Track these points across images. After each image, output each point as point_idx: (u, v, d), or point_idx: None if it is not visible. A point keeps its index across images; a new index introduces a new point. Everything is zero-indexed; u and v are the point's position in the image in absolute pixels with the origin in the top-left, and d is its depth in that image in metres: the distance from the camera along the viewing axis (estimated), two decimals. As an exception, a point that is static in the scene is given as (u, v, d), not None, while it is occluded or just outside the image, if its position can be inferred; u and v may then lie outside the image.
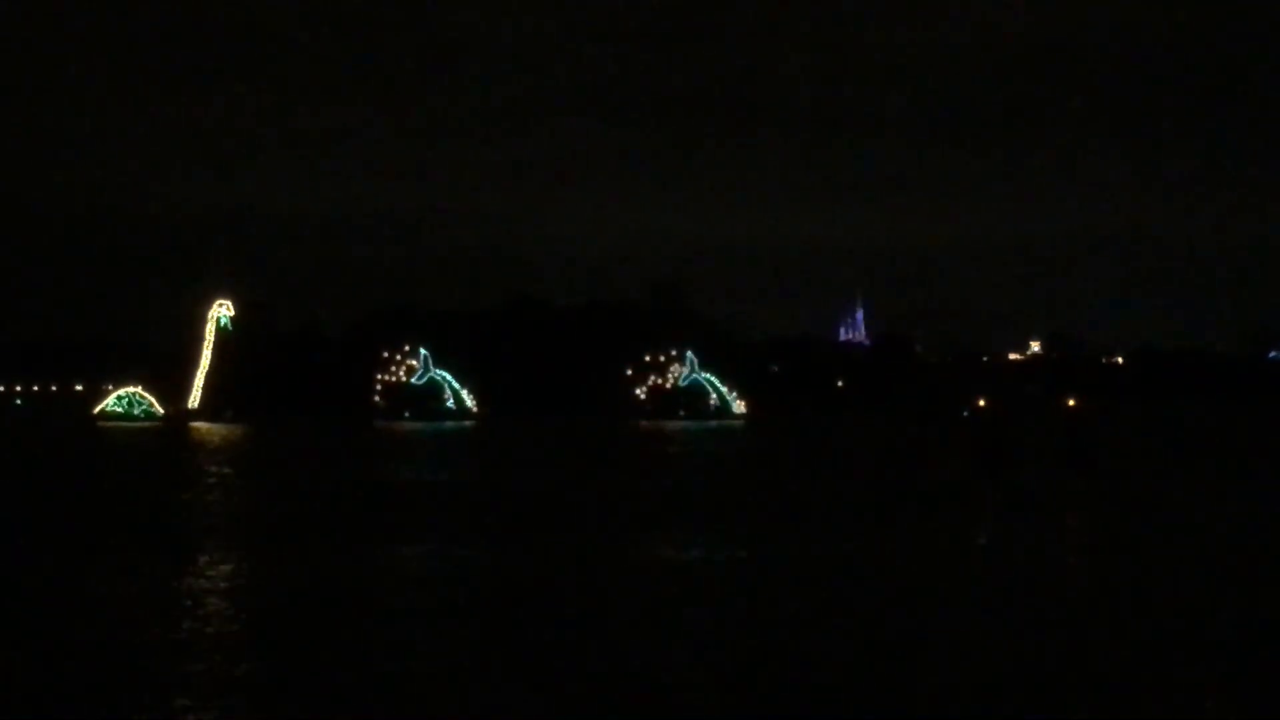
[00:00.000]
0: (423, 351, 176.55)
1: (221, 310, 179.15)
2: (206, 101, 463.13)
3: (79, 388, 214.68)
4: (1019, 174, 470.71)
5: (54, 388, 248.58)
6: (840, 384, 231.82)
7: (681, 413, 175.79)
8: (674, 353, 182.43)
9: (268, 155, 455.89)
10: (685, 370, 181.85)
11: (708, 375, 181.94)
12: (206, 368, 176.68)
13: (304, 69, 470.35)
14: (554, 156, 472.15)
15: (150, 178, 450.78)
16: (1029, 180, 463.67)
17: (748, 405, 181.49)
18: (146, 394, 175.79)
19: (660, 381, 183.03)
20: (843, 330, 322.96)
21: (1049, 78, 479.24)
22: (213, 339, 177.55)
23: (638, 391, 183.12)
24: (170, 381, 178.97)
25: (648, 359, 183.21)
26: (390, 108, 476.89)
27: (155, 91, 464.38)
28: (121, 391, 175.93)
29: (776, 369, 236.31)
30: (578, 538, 43.31)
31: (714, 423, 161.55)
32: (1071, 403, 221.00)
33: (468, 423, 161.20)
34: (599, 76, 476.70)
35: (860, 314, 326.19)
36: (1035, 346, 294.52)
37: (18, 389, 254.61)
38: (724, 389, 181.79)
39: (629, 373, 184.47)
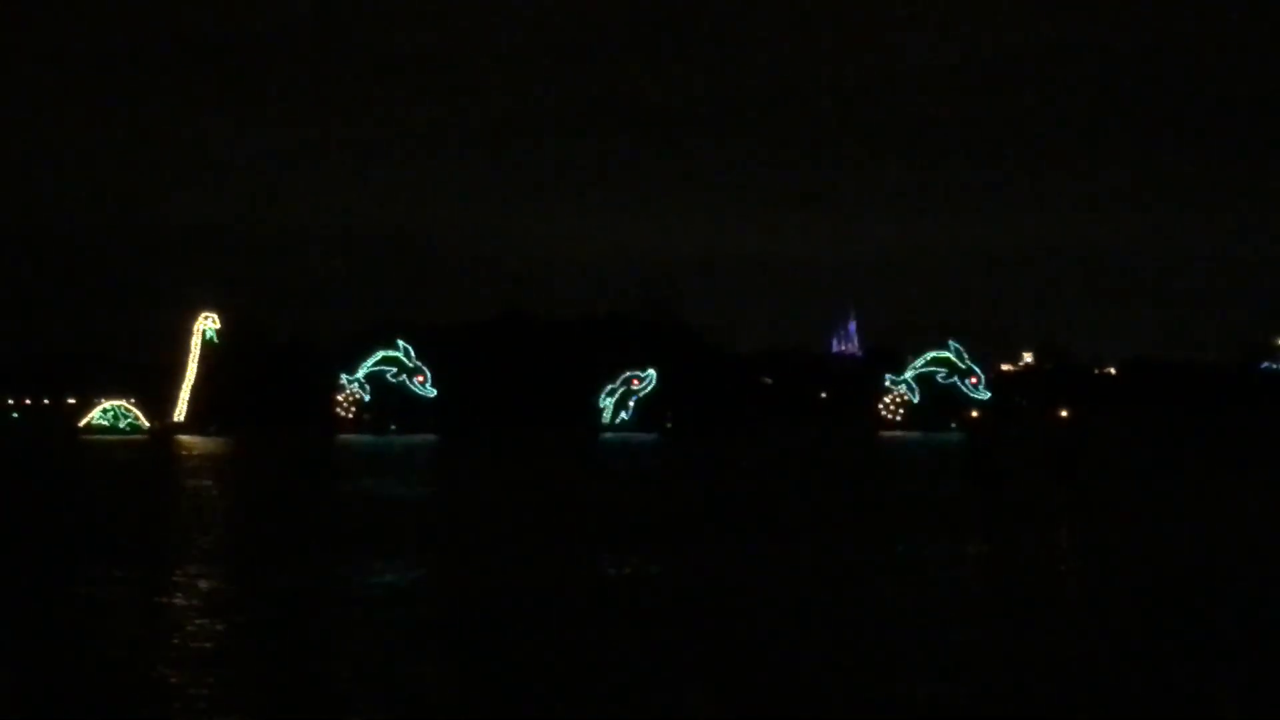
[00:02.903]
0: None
1: (207, 323, 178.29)
2: (197, 116, 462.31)
3: (71, 401, 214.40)
4: (1012, 186, 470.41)
5: (46, 401, 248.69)
6: (824, 395, 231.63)
7: (669, 424, 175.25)
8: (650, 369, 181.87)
9: (257, 170, 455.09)
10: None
11: None
12: (192, 381, 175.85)
13: (294, 84, 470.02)
14: (543, 169, 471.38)
15: (142, 192, 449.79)
16: (1022, 192, 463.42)
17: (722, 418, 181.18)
18: (132, 407, 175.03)
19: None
20: (835, 342, 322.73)
21: (1042, 90, 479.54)
22: (198, 352, 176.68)
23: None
24: (159, 394, 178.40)
25: (626, 375, 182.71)
26: (380, 123, 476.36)
27: (147, 107, 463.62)
28: (106, 404, 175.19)
29: (768, 381, 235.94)
30: (561, 552, 42.34)
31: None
32: (1063, 413, 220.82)
33: (434, 436, 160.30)
34: (588, 89, 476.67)
35: (853, 326, 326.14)
36: (1027, 357, 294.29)
37: (10, 402, 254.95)
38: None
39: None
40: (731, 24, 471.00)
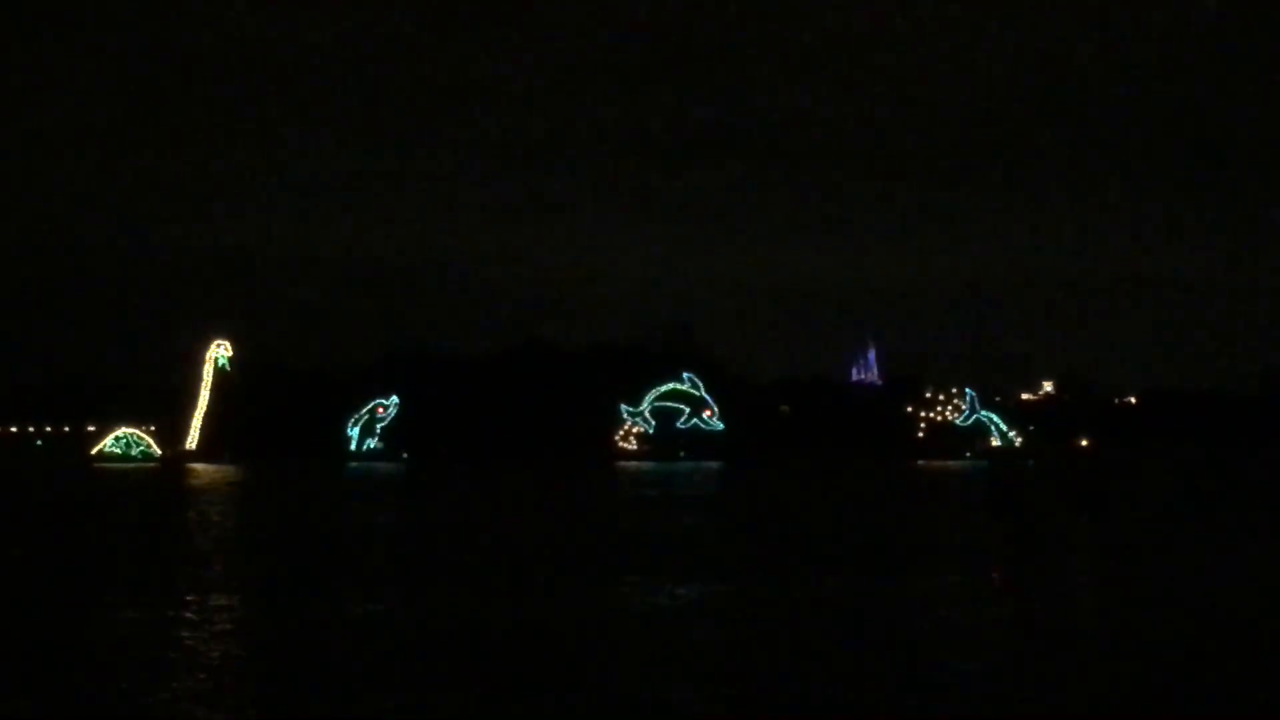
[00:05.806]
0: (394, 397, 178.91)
1: (220, 351, 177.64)
2: (215, 146, 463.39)
3: (91, 428, 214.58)
4: (1033, 215, 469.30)
5: (66, 429, 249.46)
6: (841, 425, 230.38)
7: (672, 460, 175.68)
8: None
9: (274, 199, 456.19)
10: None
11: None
12: (204, 409, 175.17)
13: (311, 114, 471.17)
14: (563, 197, 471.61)
15: (161, 220, 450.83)
16: (1043, 222, 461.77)
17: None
18: (144, 435, 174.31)
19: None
20: (855, 371, 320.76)
21: (1063, 120, 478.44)
22: (211, 380, 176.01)
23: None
24: (173, 422, 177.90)
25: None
26: (399, 151, 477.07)
27: (167, 135, 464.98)
28: (119, 432, 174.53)
29: (787, 409, 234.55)
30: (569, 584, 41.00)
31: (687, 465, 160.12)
32: (1084, 444, 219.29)
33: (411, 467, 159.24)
34: (608, 118, 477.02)
35: (873, 354, 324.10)
36: (1048, 387, 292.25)
37: (30, 430, 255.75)
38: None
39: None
40: (754, 54, 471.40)
